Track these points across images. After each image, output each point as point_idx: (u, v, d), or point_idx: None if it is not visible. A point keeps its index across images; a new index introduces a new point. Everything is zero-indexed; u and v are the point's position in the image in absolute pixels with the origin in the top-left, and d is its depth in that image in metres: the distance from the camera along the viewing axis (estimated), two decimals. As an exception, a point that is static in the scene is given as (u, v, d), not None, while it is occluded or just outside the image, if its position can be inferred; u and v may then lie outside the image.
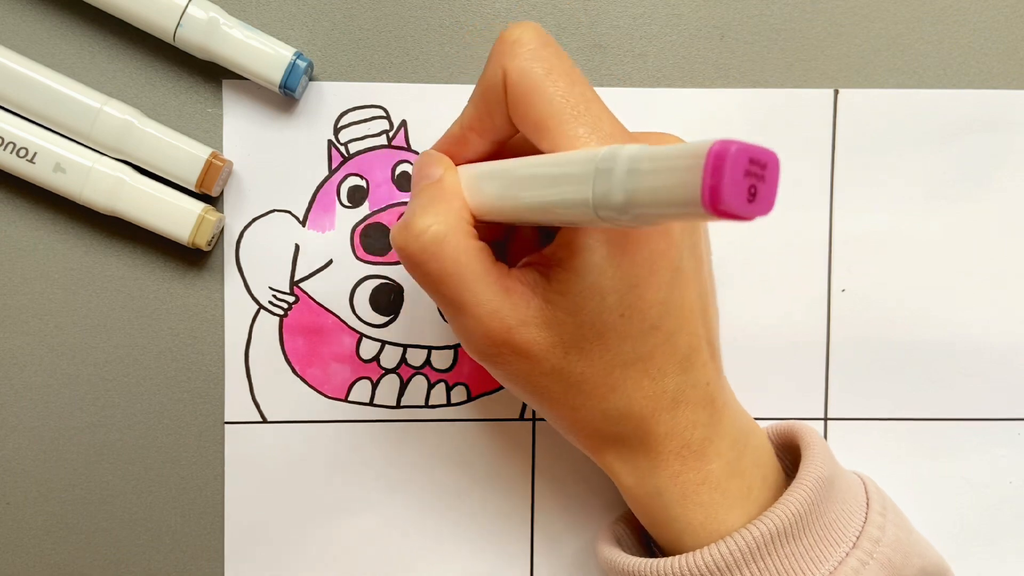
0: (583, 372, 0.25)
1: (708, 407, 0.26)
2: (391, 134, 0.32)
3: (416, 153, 0.32)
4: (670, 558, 0.25)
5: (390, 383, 0.32)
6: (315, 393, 0.32)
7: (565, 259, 0.24)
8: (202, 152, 0.30)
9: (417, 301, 0.32)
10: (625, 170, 0.18)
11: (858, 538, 0.25)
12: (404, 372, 0.32)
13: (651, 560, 0.26)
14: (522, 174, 0.23)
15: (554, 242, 0.25)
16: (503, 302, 0.24)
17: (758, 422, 0.33)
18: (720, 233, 0.32)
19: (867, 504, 0.27)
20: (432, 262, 0.24)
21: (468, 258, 0.24)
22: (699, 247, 0.26)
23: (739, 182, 0.16)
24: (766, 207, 0.17)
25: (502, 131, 0.26)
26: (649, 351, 0.24)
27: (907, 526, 0.27)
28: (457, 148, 0.27)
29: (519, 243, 0.29)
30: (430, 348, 0.32)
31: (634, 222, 0.19)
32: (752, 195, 0.16)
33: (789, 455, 0.30)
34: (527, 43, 0.24)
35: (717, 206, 0.16)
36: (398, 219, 0.32)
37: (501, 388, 0.32)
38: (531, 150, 0.25)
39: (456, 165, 0.27)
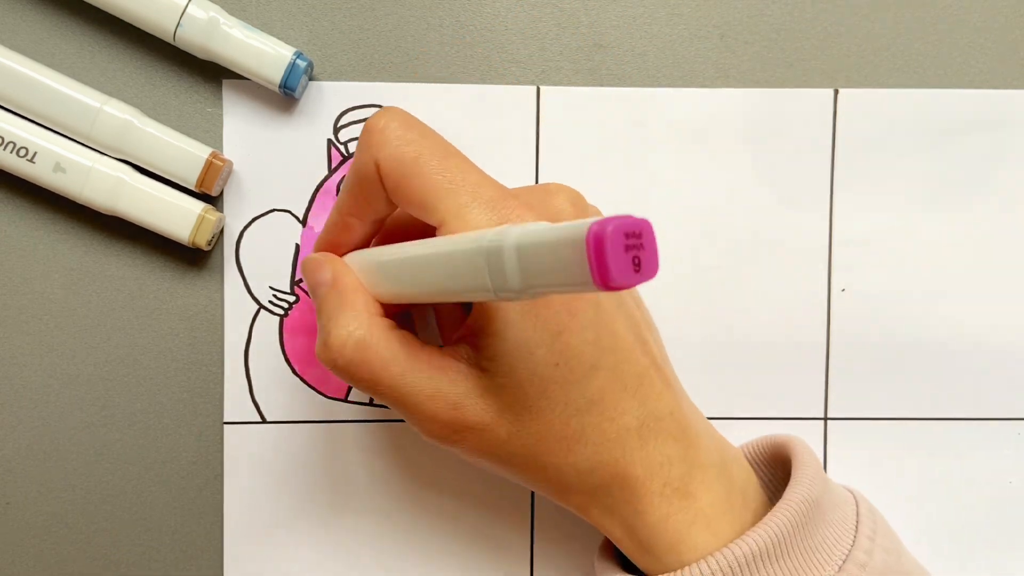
0: (540, 431, 0.24)
1: (680, 438, 0.25)
2: (391, 134, 0.32)
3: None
4: None
5: (390, 383, 0.32)
6: (315, 393, 0.32)
7: (485, 325, 0.24)
8: (202, 152, 0.30)
9: (417, 301, 0.32)
10: (515, 258, 0.19)
11: (844, 562, 0.25)
12: (404, 372, 0.32)
13: None
14: (418, 263, 0.23)
15: (473, 311, 0.25)
16: (441, 382, 0.24)
17: (761, 422, 0.33)
18: (720, 233, 0.32)
19: (856, 526, 0.26)
20: (362, 370, 0.24)
21: (393, 353, 0.24)
22: None
23: (623, 258, 0.17)
24: (651, 272, 0.18)
25: (381, 212, 0.26)
26: (598, 392, 0.24)
27: (897, 549, 0.27)
28: (340, 235, 0.27)
29: (445, 307, 0.29)
30: (430, 348, 0.32)
31: (535, 297, 0.20)
32: (637, 265, 0.17)
33: (781, 469, 0.29)
34: (393, 130, 0.24)
35: (608, 284, 0.17)
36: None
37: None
38: (411, 220, 0.25)
39: (342, 253, 0.27)
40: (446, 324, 0.30)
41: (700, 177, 0.32)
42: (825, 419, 0.33)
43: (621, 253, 0.17)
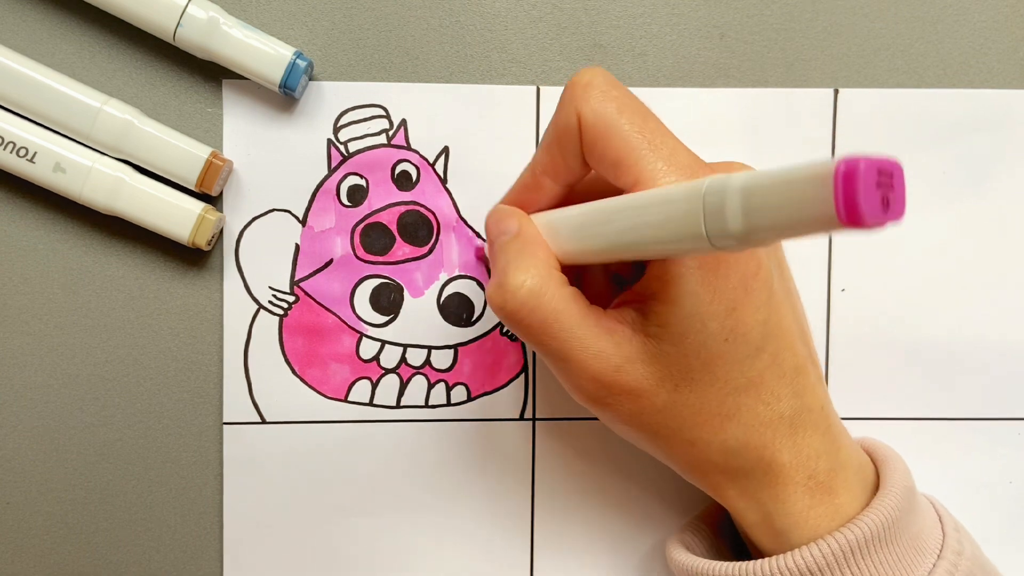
0: (696, 404, 0.24)
1: (827, 434, 0.26)
2: (391, 133, 0.32)
3: (416, 152, 0.32)
4: (758, 561, 0.25)
5: (390, 383, 0.32)
6: (314, 393, 0.32)
7: (660, 291, 0.24)
8: (202, 152, 0.30)
9: (417, 301, 0.32)
10: (739, 199, 0.19)
11: (941, 550, 0.25)
12: (404, 372, 0.32)
13: (742, 564, 0.26)
14: (618, 211, 0.23)
15: (645, 276, 0.25)
16: (607, 343, 0.24)
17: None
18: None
19: (940, 521, 0.27)
20: (533, 316, 0.24)
21: (566, 305, 0.24)
22: (784, 267, 0.26)
23: (873, 193, 0.17)
24: (899, 213, 0.17)
25: (575, 173, 0.26)
26: (759, 375, 0.24)
27: (975, 543, 0.28)
28: (530, 194, 0.27)
29: (586, 290, 0.29)
30: (430, 348, 0.32)
31: (745, 246, 0.19)
32: (885, 204, 0.17)
33: None
34: (598, 85, 0.25)
35: (856, 220, 0.17)
36: (398, 219, 0.32)
37: (501, 388, 0.32)
38: (599, 193, 0.25)
39: (529, 213, 0.27)
40: (590, 297, 0.30)
41: (700, 177, 0.32)
42: (825, 419, 0.33)
43: (872, 189, 0.17)
